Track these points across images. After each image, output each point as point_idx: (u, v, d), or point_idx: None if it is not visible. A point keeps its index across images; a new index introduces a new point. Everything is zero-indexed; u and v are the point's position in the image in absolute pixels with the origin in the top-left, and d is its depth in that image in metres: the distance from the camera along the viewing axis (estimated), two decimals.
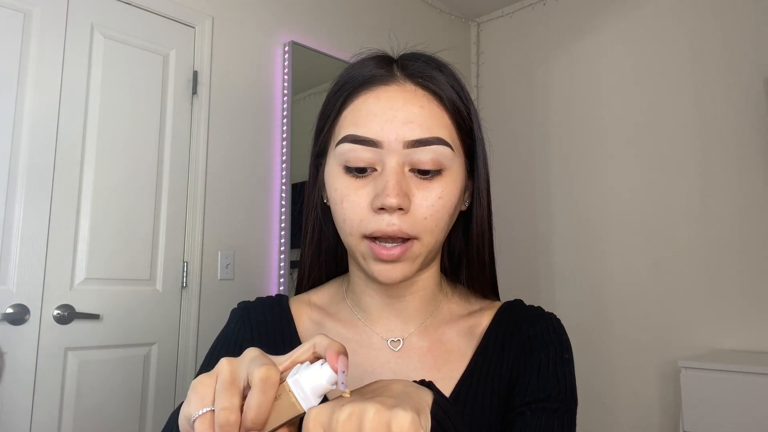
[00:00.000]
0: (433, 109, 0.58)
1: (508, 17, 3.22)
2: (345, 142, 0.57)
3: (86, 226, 1.87)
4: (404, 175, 0.56)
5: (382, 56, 0.61)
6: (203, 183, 2.14)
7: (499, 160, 3.14)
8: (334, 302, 0.67)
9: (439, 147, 0.56)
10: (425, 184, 0.57)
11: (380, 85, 0.58)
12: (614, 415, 2.58)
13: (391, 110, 0.56)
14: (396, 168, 0.56)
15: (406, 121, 0.56)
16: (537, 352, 0.62)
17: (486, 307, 0.68)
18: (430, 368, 0.62)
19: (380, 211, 0.55)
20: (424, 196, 0.56)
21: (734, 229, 2.34)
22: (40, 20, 1.82)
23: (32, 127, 1.78)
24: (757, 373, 1.91)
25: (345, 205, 0.57)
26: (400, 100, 0.57)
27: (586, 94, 2.84)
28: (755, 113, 2.32)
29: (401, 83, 0.58)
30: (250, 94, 2.32)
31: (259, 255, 2.28)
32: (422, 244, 0.57)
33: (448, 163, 0.57)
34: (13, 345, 1.69)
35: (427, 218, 0.56)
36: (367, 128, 0.57)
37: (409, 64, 0.60)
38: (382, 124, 0.56)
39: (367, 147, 0.56)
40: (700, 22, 2.51)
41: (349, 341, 0.63)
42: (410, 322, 0.64)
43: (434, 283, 0.65)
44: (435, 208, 0.57)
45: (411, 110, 0.57)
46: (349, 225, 0.57)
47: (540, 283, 2.91)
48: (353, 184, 0.57)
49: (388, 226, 0.55)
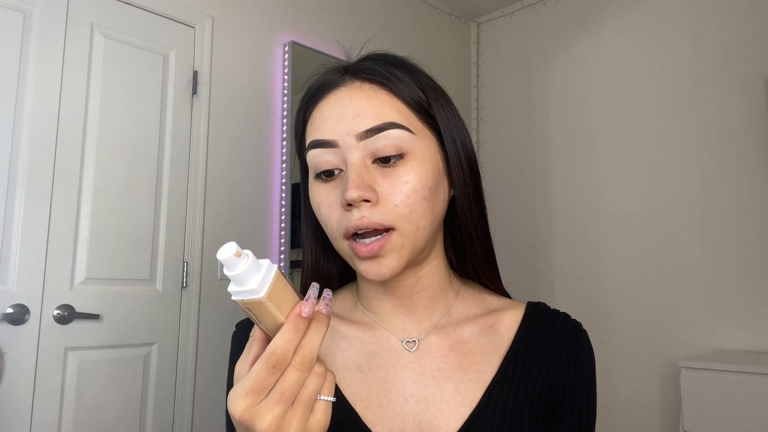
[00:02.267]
0: (381, 98, 0.58)
1: (508, 17, 3.22)
2: (309, 150, 0.59)
3: (86, 226, 1.87)
4: (367, 168, 0.56)
5: (335, 66, 0.63)
6: (203, 183, 2.14)
7: (499, 160, 3.14)
8: (347, 308, 0.67)
9: (393, 131, 0.56)
10: (390, 171, 0.57)
11: (331, 91, 0.60)
12: (614, 415, 2.58)
13: (340, 109, 0.58)
14: (356, 162, 0.56)
15: (354, 116, 0.57)
16: (584, 373, 0.64)
17: (506, 306, 0.67)
18: (455, 369, 0.61)
19: (348, 207, 0.56)
20: (391, 183, 0.56)
21: (735, 228, 2.34)
22: (40, 20, 1.82)
23: (32, 127, 1.78)
24: (757, 373, 1.91)
25: (323, 211, 0.59)
26: (347, 98, 0.58)
27: (586, 93, 2.84)
28: (755, 113, 2.32)
29: (348, 84, 0.59)
30: (250, 94, 2.32)
31: (259, 255, 2.26)
32: (402, 234, 0.56)
33: (410, 147, 0.57)
34: (13, 345, 1.69)
35: (398, 205, 0.56)
36: (322, 131, 0.58)
37: (357, 65, 0.61)
38: (333, 124, 0.58)
39: (326, 149, 0.58)
40: (700, 21, 2.51)
41: (368, 344, 0.63)
42: (424, 321, 0.64)
43: (440, 279, 0.65)
44: (405, 194, 0.56)
45: (358, 104, 0.58)
46: (330, 229, 0.58)
47: (540, 283, 2.91)
48: (325, 189, 0.58)
49: (358, 220, 0.55)
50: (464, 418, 0.58)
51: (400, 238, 0.56)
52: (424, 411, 0.59)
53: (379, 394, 0.60)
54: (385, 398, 0.60)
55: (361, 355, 0.63)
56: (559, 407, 0.62)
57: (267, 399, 0.43)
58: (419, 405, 0.59)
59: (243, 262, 0.42)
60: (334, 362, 0.63)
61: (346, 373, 0.62)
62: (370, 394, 0.60)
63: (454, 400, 0.59)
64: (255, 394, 0.43)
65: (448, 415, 0.59)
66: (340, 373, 0.62)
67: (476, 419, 0.58)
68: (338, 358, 0.63)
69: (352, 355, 0.63)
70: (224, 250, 0.41)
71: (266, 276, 0.42)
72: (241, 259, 0.42)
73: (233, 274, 0.42)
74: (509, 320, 0.65)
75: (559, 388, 0.62)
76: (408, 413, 0.59)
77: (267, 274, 0.43)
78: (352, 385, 0.61)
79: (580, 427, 0.63)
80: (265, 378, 0.43)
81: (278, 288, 0.43)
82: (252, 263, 0.42)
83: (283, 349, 0.43)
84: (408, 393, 0.60)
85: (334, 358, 0.63)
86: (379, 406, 0.60)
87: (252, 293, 0.42)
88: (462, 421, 0.58)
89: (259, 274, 0.42)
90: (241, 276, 0.42)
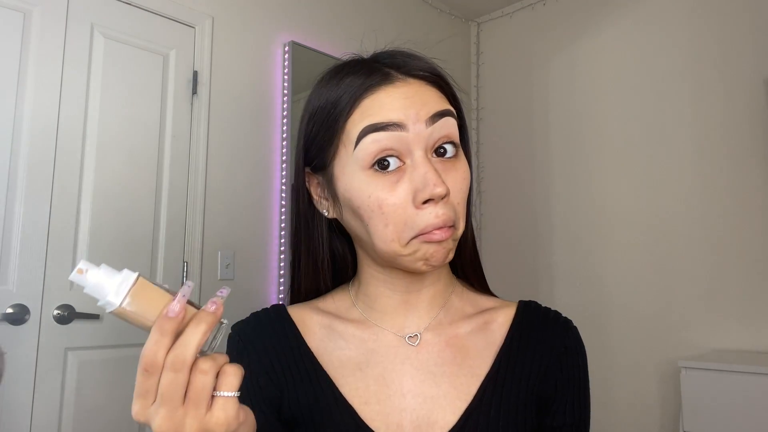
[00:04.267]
0: (437, 93, 0.59)
1: (508, 17, 3.22)
2: (366, 134, 0.55)
3: (86, 226, 1.87)
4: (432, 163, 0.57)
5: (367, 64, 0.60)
6: (203, 183, 2.14)
7: (498, 160, 3.14)
8: (344, 307, 0.67)
9: (451, 119, 0.58)
10: (450, 165, 0.57)
11: (383, 86, 0.57)
12: (614, 415, 2.58)
13: (405, 98, 0.57)
14: (425, 156, 0.56)
15: (423, 103, 0.57)
16: (575, 367, 0.65)
17: (499, 305, 0.68)
18: (450, 363, 0.62)
19: (424, 205, 0.54)
20: (454, 178, 0.57)
21: (734, 228, 2.34)
22: (40, 20, 1.82)
23: (32, 127, 1.78)
24: (757, 373, 1.91)
25: (386, 210, 0.55)
26: (412, 89, 0.58)
27: (586, 93, 2.84)
28: (755, 113, 2.32)
29: (403, 79, 0.58)
30: (250, 94, 2.32)
31: (259, 255, 2.28)
32: (458, 231, 0.58)
33: (457, 141, 0.59)
34: (13, 345, 1.69)
35: (459, 202, 0.57)
36: (387, 114, 0.55)
37: (404, 61, 0.60)
38: (401, 109, 0.56)
39: (390, 132, 0.55)
40: (699, 22, 2.51)
41: (366, 341, 0.63)
42: (424, 317, 0.64)
43: (447, 274, 0.66)
44: (463, 191, 0.57)
45: (424, 94, 0.58)
46: (392, 230, 0.55)
47: (540, 283, 2.91)
48: (385, 185, 0.55)
49: (437, 218, 0.54)
50: (461, 413, 0.59)
51: (457, 234, 0.58)
52: (422, 406, 0.60)
53: (378, 390, 0.61)
54: (383, 394, 0.61)
55: (360, 352, 0.63)
56: (551, 401, 0.63)
57: (155, 402, 0.43)
58: (416, 400, 0.60)
59: (91, 277, 0.42)
60: (332, 360, 0.63)
61: (344, 370, 0.62)
62: (368, 390, 0.61)
63: (450, 395, 0.60)
64: (142, 398, 0.43)
65: (445, 410, 0.60)
66: (338, 371, 0.62)
67: (472, 413, 0.59)
68: (336, 356, 0.63)
69: (350, 352, 0.63)
70: (73, 272, 0.43)
71: (121, 285, 0.43)
72: (87, 275, 0.42)
73: (87, 290, 0.43)
74: (502, 318, 0.66)
75: (551, 382, 0.63)
76: (406, 408, 0.60)
77: (123, 283, 0.43)
78: (350, 382, 0.61)
79: (573, 420, 0.64)
80: (143, 381, 0.43)
81: (142, 295, 0.43)
82: (104, 276, 0.43)
83: (150, 350, 0.43)
84: (406, 388, 0.61)
85: (331, 356, 0.63)
86: (377, 402, 0.60)
87: (109, 305, 0.43)
88: (458, 416, 0.59)
89: (113, 285, 0.43)
90: (95, 290, 0.43)
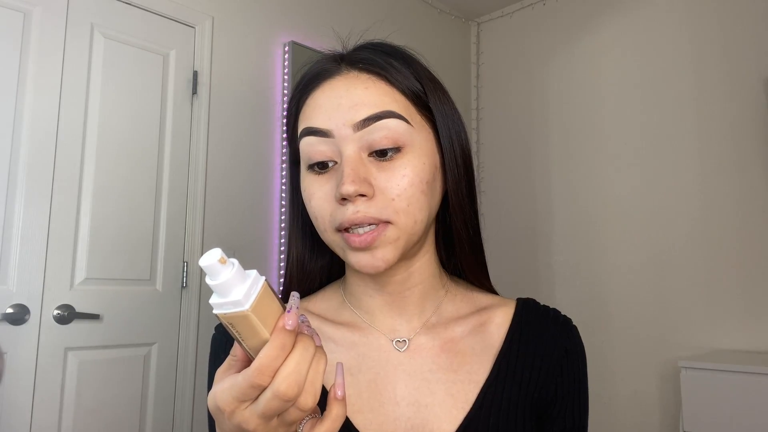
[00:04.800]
0: (379, 88, 0.57)
1: (508, 17, 3.22)
2: (302, 137, 0.58)
3: (86, 226, 1.87)
4: (362, 162, 0.55)
5: (329, 55, 0.61)
6: (203, 183, 2.14)
7: (499, 159, 3.14)
8: (333, 307, 0.65)
9: (390, 121, 0.55)
10: (386, 165, 0.55)
11: (326, 80, 0.58)
12: (614, 415, 2.58)
13: (336, 98, 0.56)
14: (352, 156, 0.55)
15: (351, 105, 0.55)
16: (575, 371, 0.63)
17: (496, 303, 0.65)
18: (446, 370, 0.60)
19: (343, 201, 0.54)
20: (387, 177, 0.55)
21: (734, 228, 2.34)
22: (40, 20, 1.82)
23: (32, 127, 1.78)
24: (757, 373, 1.91)
25: (313, 203, 0.57)
26: (343, 88, 0.57)
27: (586, 93, 2.84)
28: (755, 113, 2.32)
29: (345, 73, 0.58)
30: (250, 94, 2.32)
31: (259, 255, 2.28)
32: (398, 227, 0.55)
33: (407, 139, 0.56)
34: (13, 345, 1.69)
35: (395, 199, 0.54)
36: (317, 120, 0.57)
37: (353, 54, 0.59)
38: (329, 114, 0.56)
39: (320, 138, 0.56)
40: (700, 21, 2.50)
41: (357, 345, 0.61)
42: (414, 319, 0.62)
43: (431, 275, 0.63)
44: (402, 187, 0.55)
45: (355, 93, 0.56)
46: (320, 221, 0.57)
47: (540, 283, 2.91)
48: (317, 180, 0.57)
49: (353, 215, 0.53)
50: (458, 422, 0.57)
51: (396, 231, 0.55)
52: (417, 414, 0.58)
53: (370, 398, 0.59)
54: (376, 401, 0.58)
55: (350, 357, 0.61)
56: (552, 407, 0.61)
57: (249, 407, 0.41)
58: (411, 408, 0.58)
59: (227, 271, 0.38)
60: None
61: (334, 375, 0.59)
62: (360, 397, 0.59)
63: (446, 403, 0.58)
64: (238, 401, 0.41)
65: (441, 419, 0.57)
66: (329, 376, 0.59)
67: (471, 422, 0.57)
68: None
69: (341, 357, 0.61)
70: (208, 257, 0.37)
71: (252, 287, 0.38)
72: (226, 267, 0.38)
73: (216, 283, 0.38)
74: (500, 318, 0.64)
75: (552, 387, 0.61)
76: (400, 417, 0.58)
77: (253, 285, 0.39)
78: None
79: (573, 425, 0.62)
80: (248, 390, 0.41)
81: (265, 302, 0.39)
82: (237, 272, 0.38)
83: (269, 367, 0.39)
84: (399, 396, 0.58)
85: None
86: (370, 410, 0.58)
87: (236, 305, 0.38)
88: (456, 425, 0.57)
89: (245, 284, 0.38)
90: (224, 286, 0.38)
